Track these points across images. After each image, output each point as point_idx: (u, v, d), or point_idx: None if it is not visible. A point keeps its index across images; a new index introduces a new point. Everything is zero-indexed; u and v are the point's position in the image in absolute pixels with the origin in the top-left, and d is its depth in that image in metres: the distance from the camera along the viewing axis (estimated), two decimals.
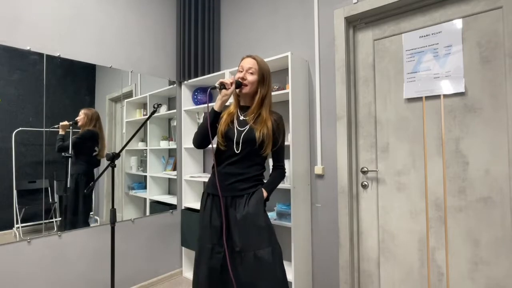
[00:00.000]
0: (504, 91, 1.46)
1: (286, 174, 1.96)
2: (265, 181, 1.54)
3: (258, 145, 1.43)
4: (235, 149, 1.44)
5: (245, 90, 1.46)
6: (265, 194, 1.47)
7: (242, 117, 1.50)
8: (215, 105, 1.41)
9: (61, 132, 1.96)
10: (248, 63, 1.47)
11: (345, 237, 1.87)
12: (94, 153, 2.12)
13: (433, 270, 1.65)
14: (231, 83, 1.40)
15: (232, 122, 1.49)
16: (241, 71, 1.48)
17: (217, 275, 1.42)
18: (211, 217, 1.46)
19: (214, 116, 1.42)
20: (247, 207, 1.41)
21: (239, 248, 1.39)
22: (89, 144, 2.09)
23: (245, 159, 1.45)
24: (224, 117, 1.50)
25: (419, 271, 1.70)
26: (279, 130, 1.50)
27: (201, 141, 1.46)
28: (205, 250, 1.44)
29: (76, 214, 2.03)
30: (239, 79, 1.45)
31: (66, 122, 1.98)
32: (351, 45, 1.94)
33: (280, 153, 1.55)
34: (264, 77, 1.48)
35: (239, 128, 1.46)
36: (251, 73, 1.46)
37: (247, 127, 1.45)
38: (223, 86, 1.39)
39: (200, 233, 1.49)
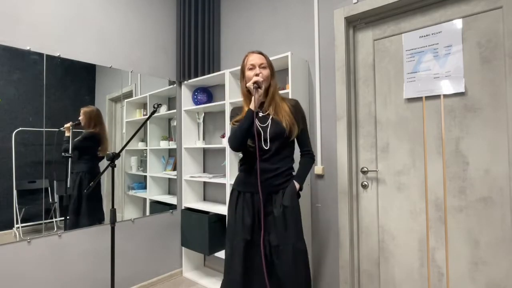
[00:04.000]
0: (504, 91, 1.46)
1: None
2: (294, 173, 1.56)
3: (287, 135, 1.46)
4: (263, 146, 1.46)
5: (264, 85, 1.47)
6: (297, 186, 1.48)
7: (261, 113, 1.51)
8: (253, 105, 1.40)
9: (67, 133, 1.99)
10: (258, 59, 1.50)
11: (345, 237, 1.87)
12: (98, 152, 2.16)
13: (433, 270, 1.65)
14: (262, 81, 1.41)
15: None
16: (252, 68, 1.49)
17: (252, 273, 1.44)
18: (243, 215, 1.47)
19: (254, 116, 1.41)
20: (284, 201, 1.43)
21: (277, 242, 1.41)
22: (93, 145, 2.12)
23: (275, 154, 1.48)
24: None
25: (419, 271, 1.70)
26: (297, 113, 1.53)
27: (241, 144, 1.44)
28: (239, 248, 1.44)
29: (80, 212, 2.05)
30: (256, 76, 1.45)
31: (69, 124, 2.00)
32: (351, 45, 1.94)
33: (304, 138, 1.56)
34: (273, 69, 1.54)
35: (261, 125, 1.48)
36: (264, 68, 1.49)
37: (269, 121, 1.48)
38: (258, 85, 1.39)
39: (231, 231, 1.49)
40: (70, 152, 2.00)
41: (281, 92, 1.95)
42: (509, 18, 1.45)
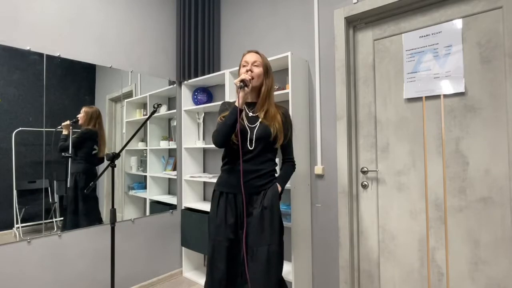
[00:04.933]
0: (504, 91, 1.46)
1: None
2: (276, 175, 1.57)
3: (272, 140, 1.46)
4: (248, 146, 1.46)
5: (253, 83, 1.45)
6: (279, 188, 1.50)
7: (251, 113, 1.51)
8: (237, 103, 1.38)
9: (64, 132, 1.97)
10: (252, 57, 1.50)
11: (345, 237, 1.87)
12: (94, 152, 2.12)
13: (433, 270, 1.65)
14: (250, 80, 1.40)
15: (242, 119, 1.50)
16: (245, 65, 1.49)
17: (235, 271, 1.45)
18: (226, 215, 1.46)
19: (238, 113, 1.39)
20: (264, 202, 1.44)
21: (252, 243, 1.42)
22: (88, 143, 2.09)
23: (259, 155, 1.47)
24: None
25: (419, 271, 1.70)
26: (287, 123, 1.56)
27: (225, 140, 1.42)
28: (221, 247, 1.44)
29: (77, 213, 2.03)
30: (247, 73, 1.45)
31: (68, 122, 1.98)
32: (351, 45, 1.94)
33: (289, 147, 1.60)
34: (268, 69, 1.52)
35: (250, 125, 1.48)
36: (256, 66, 1.49)
37: (258, 123, 1.47)
38: (244, 83, 1.38)
39: (214, 231, 1.48)
40: (70, 151, 2.00)
41: (281, 92, 1.96)
42: (509, 18, 1.45)
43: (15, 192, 1.79)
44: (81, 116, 2.05)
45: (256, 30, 2.42)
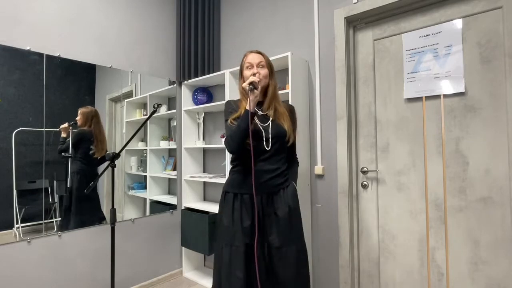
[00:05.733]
0: (504, 91, 1.46)
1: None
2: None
3: (287, 139, 1.46)
4: (265, 145, 1.43)
5: (260, 84, 1.42)
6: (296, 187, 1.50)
7: (260, 112, 1.48)
8: (249, 106, 1.34)
9: (63, 134, 1.97)
10: (256, 58, 1.48)
11: (345, 237, 1.87)
12: (91, 152, 2.11)
13: (433, 270, 1.65)
14: (258, 82, 1.37)
15: (254, 120, 1.46)
16: (250, 67, 1.47)
17: (252, 280, 1.38)
18: (241, 218, 1.40)
19: (249, 118, 1.36)
20: (287, 201, 1.42)
21: (279, 244, 1.37)
22: (83, 144, 2.08)
23: (275, 154, 1.45)
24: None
25: (419, 271, 1.70)
26: (294, 120, 1.56)
27: (240, 145, 1.38)
28: (239, 254, 1.36)
29: (77, 213, 2.03)
30: (254, 76, 1.41)
31: (66, 124, 1.98)
32: (351, 45, 1.94)
33: (294, 144, 1.58)
34: (272, 68, 1.52)
35: (262, 125, 1.45)
36: (262, 67, 1.47)
37: (269, 122, 1.46)
38: (254, 86, 1.35)
39: (230, 238, 1.40)
40: (70, 151, 2.00)
41: (281, 92, 1.95)
42: (509, 18, 1.45)
43: (15, 192, 1.79)
44: (78, 118, 2.05)
45: (256, 30, 2.42)
